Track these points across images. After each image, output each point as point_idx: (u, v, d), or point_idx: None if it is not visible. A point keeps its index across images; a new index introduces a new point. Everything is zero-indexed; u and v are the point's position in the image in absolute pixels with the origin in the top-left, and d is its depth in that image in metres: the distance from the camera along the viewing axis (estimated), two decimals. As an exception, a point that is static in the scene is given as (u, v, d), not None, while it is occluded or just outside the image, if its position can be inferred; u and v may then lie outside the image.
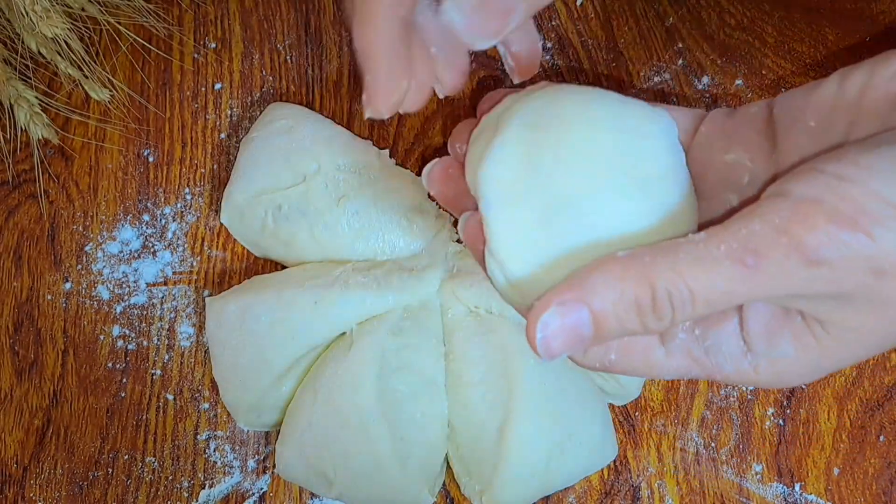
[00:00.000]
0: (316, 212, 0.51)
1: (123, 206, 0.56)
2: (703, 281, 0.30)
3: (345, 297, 0.49)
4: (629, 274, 0.30)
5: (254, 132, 0.54)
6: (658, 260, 0.30)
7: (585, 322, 0.31)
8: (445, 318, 0.50)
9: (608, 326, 0.31)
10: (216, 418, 0.53)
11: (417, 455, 0.48)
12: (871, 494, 0.51)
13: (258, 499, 0.52)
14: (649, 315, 0.31)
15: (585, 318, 0.31)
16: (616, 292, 0.30)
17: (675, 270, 0.30)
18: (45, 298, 0.55)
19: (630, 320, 0.31)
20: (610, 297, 0.31)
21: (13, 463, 0.52)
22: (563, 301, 0.31)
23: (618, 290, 0.30)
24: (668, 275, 0.30)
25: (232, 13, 0.60)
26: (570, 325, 0.31)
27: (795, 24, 0.58)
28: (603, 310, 0.31)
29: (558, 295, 0.31)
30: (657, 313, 0.31)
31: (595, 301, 0.31)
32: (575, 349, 0.32)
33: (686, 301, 0.30)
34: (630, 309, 0.31)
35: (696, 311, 0.30)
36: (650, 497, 0.51)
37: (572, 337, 0.31)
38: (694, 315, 0.31)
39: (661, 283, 0.30)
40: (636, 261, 0.31)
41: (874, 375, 0.52)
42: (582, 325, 0.31)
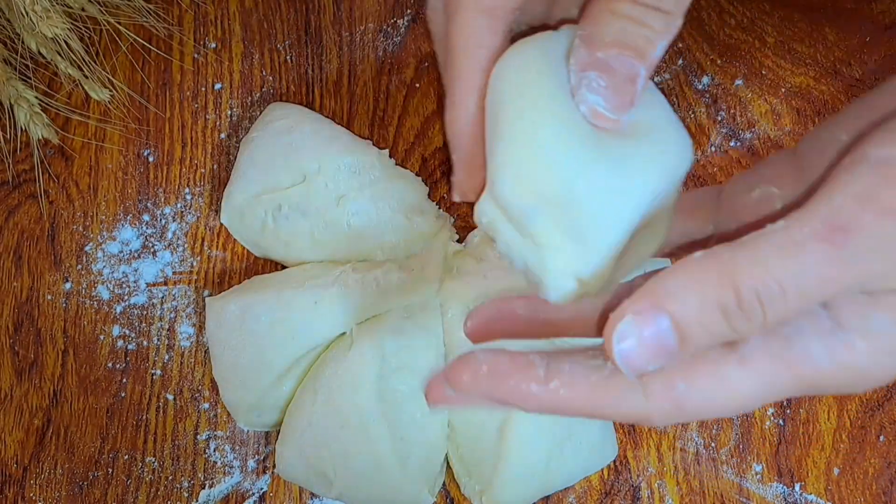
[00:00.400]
0: (316, 212, 0.51)
1: (123, 206, 0.56)
2: (791, 270, 0.27)
3: (345, 297, 0.49)
4: (708, 275, 0.28)
5: (254, 132, 0.54)
6: (738, 255, 0.28)
7: (667, 331, 0.28)
8: (445, 318, 0.50)
9: (694, 334, 0.28)
10: (216, 418, 0.53)
11: (417, 455, 0.48)
12: (871, 494, 0.51)
13: (258, 499, 0.52)
14: (737, 317, 0.28)
15: (666, 326, 0.28)
16: (697, 296, 0.28)
17: (758, 264, 0.27)
18: (45, 298, 0.55)
19: (717, 325, 0.28)
20: (691, 303, 0.28)
21: (13, 463, 0.52)
22: (639, 310, 0.28)
23: (698, 293, 0.28)
24: (751, 270, 0.27)
25: (232, 13, 0.60)
26: (651, 336, 0.28)
27: (795, 24, 0.58)
28: (685, 317, 0.28)
29: (633, 303, 0.28)
30: (746, 314, 0.28)
31: (675, 308, 0.28)
32: (661, 361, 0.28)
33: (776, 296, 0.27)
34: (715, 313, 0.28)
35: (789, 305, 0.28)
36: (650, 497, 0.51)
37: (655, 349, 0.28)
38: (788, 311, 0.28)
39: (746, 281, 0.27)
40: (714, 260, 0.28)
41: (874, 375, 0.52)
42: (664, 334, 0.28)
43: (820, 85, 0.57)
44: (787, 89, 0.57)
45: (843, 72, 0.57)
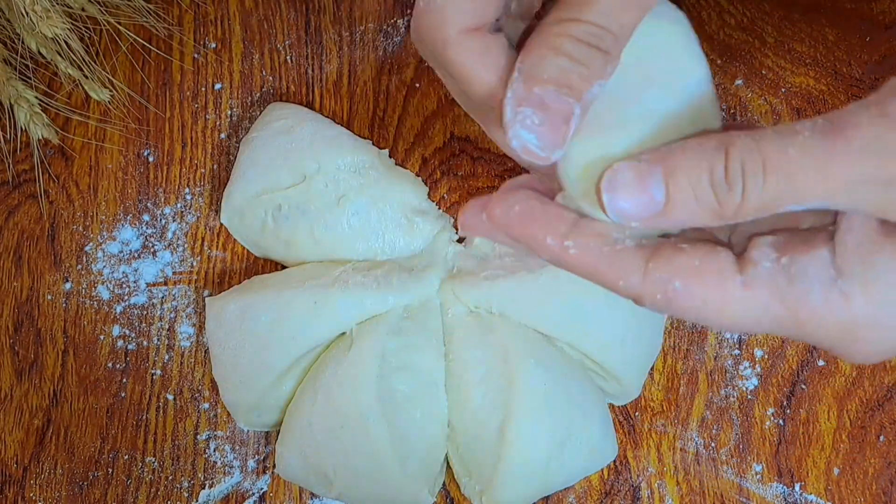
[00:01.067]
0: (316, 211, 0.51)
1: (123, 206, 0.56)
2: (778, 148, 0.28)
3: (344, 297, 0.49)
4: (707, 143, 0.29)
5: (253, 132, 0.54)
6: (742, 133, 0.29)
7: (658, 181, 0.30)
8: (445, 318, 0.50)
9: (680, 194, 0.30)
10: (216, 418, 0.53)
11: (417, 455, 0.48)
12: (871, 494, 0.51)
13: (258, 499, 0.52)
14: (721, 188, 0.29)
15: (658, 176, 0.30)
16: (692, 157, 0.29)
17: (753, 139, 0.29)
18: (45, 298, 0.55)
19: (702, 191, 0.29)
20: (684, 159, 0.30)
21: (13, 463, 0.52)
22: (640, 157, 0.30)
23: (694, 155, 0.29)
24: (745, 142, 0.29)
25: (232, 13, 0.60)
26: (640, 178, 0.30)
27: (795, 24, 0.58)
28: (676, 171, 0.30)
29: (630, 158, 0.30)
30: (729, 185, 0.29)
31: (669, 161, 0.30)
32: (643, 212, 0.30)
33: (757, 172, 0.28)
34: (703, 177, 0.29)
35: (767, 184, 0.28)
36: (650, 497, 0.51)
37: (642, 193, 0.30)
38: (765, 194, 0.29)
39: (736, 151, 0.29)
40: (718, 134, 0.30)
41: (874, 375, 0.52)
42: (654, 183, 0.30)
43: (820, 85, 0.57)
44: (787, 89, 0.57)
45: (843, 72, 0.57)
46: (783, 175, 0.28)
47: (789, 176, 0.28)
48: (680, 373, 0.53)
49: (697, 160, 0.30)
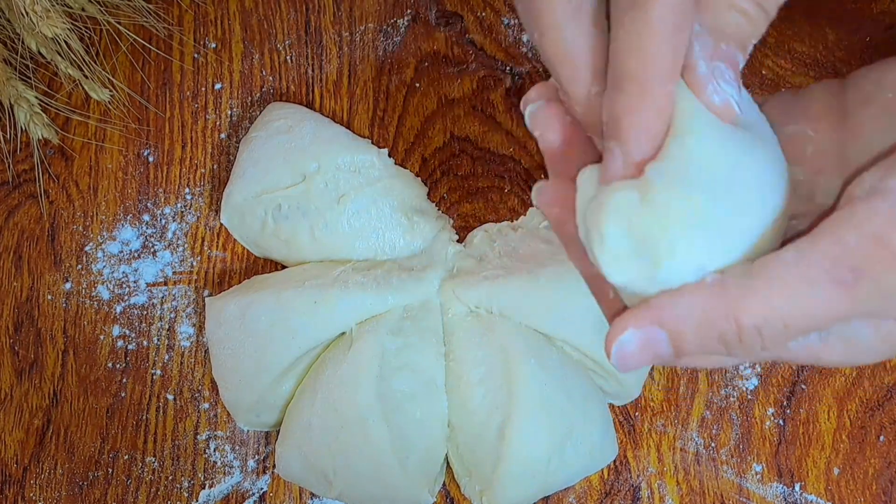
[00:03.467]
0: (316, 211, 0.51)
1: (123, 206, 0.56)
2: (799, 310, 0.27)
3: (344, 297, 0.49)
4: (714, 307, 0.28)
5: (253, 132, 0.54)
6: (748, 291, 0.28)
7: (665, 345, 0.29)
8: (445, 318, 0.50)
9: (689, 349, 0.29)
10: (216, 418, 0.53)
11: (417, 455, 0.48)
12: (871, 494, 0.51)
13: (258, 499, 0.52)
14: (735, 346, 0.29)
15: (665, 341, 0.29)
16: (698, 322, 0.29)
17: (767, 304, 0.28)
18: (45, 298, 0.55)
19: (713, 348, 0.29)
20: (691, 326, 0.29)
21: (13, 463, 0.52)
22: (642, 325, 0.29)
23: (700, 320, 0.29)
24: (757, 308, 0.28)
25: (232, 13, 0.60)
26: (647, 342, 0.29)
27: (795, 24, 0.58)
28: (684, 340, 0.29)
29: (636, 319, 0.29)
30: (744, 344, 0.29)
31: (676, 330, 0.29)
32: (652, 364, 0.30)
33: (778, 332, 0.28)
34: (713, 341, 0.29)
35: (788, 338, 0.28)
36: (650, 497, 0.51)
37: (649, 355, 0.30)
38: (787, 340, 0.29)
39: (750, 320, 0.28)
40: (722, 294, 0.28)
41: (874, 375, 0.52)
42: (661, 347, 0.29)
43: (820, 85, 0.57)
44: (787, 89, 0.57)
45: (843, 72, 0.57)
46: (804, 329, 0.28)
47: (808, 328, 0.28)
48: (680, 373, 0.53)
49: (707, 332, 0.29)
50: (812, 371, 0.52)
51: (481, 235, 0.52)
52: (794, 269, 0.28)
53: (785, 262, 0.28)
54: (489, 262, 0.51)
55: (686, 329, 0.29)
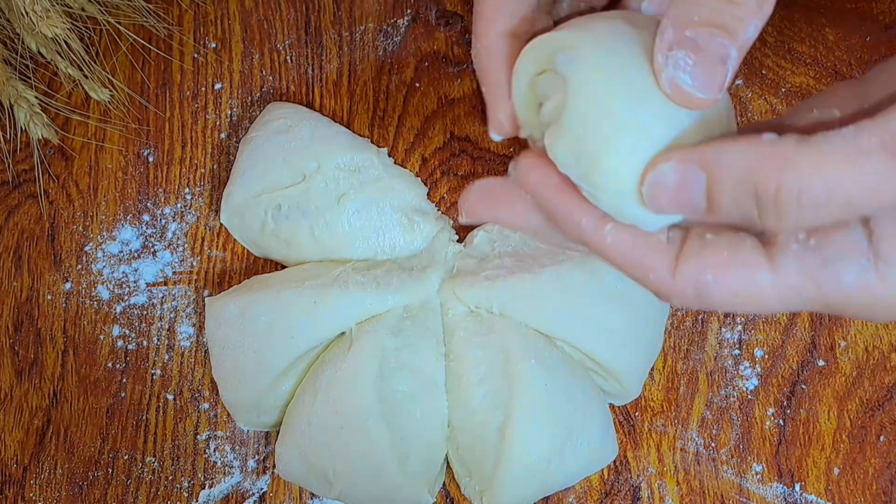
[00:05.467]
0: (316, 211, 0.51)
1: (123, 206, 0.56)
2: (848, 178, 0.27)
3: (344, 297, 0.49)
4: (761, 159, 0.28)
5: (253, 132, 0.54)
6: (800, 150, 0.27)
7: (701, 189, 0.29)
8: (446, 318, 0.50)
9: (723, 205, 0.29)
10: (216, 418, 0.53)
11: (417, 455, 0.48)
12: (872, 494, 0.51)
13: (258, 499, 0.52)
14: (769, 210, 0.28)
15: (702, 184, 0.29)
16: (740, 174, 0.28)
17: (815, 166, 0.27)
18: (45, 298, 0.55)
19: (747, 207, 0.29)
20: (732, 178, 0.28)
21: (13, 463, 0.52)
22: (685, 160, 0.29)
23: (743, 173, 0.28)
24: (805, 171, 0.27)
25: (232, 13, 0.60)
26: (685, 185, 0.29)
27: (795, 24, 0.58)
28: (721, 187, 0.29)
29: (682, 153, 0.29)
30: (779, 209, 0.28)
31: (717, 175, 0.28)
32: (682, 212, 0.30)
33: (820, 201, 0.27)
34: (749, 196, 0.28)
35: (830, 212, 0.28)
36: (650, 497, 0.51)
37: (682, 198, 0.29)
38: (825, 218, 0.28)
39: (792, 179, 0.27)
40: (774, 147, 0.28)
41: (874, 375, 0.52)
42: (697, 190, 0.29)
43: (820, 85, 0.57)
44: (787, 89, 0.57)
45: (843, 72, 0.57)
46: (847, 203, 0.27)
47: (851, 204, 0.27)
48: (680, 373, 0.53)
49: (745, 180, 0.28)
50: (812, 371, 0.52)
51: (481, 235, 0.52)
52: (850, 140, 0.27)
53: (843, 135, 0.27)
54: (489, 262, 0.51)
55: (727, 178, 0.28)
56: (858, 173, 0.27)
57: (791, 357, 0.53)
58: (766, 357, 0.53)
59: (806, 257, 0.30)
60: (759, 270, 0.30)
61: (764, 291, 0.30)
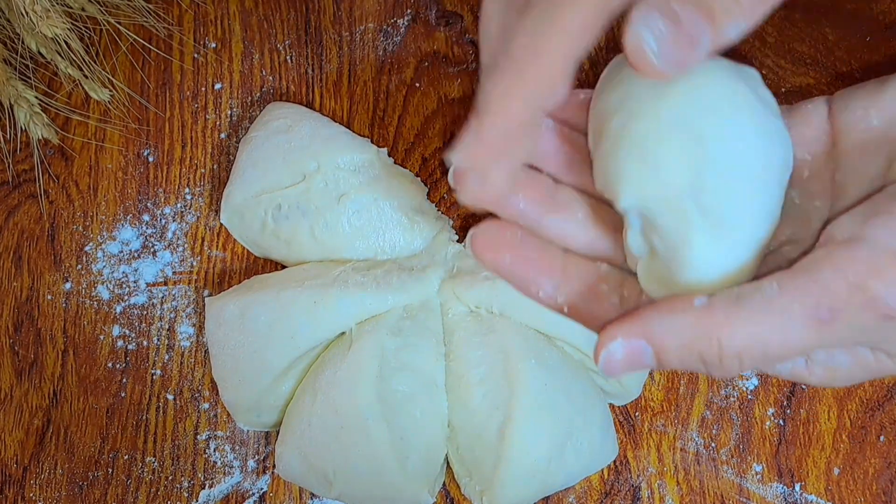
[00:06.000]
0: (316, 210, 0.51)
1: (123, 206, 0.56)
2: (777, 340, 0.30)
3: (344, 297, 0.49)
4: (698, 330, 0.30)
5: (252, 132, 0.54)
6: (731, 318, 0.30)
7: (648, 355, 0.31)
8: (446, 319, 0.50)
9: (670, 363, 0.31)
10: (216, 418, 0.53)
11: (417, 455, 0.48)
12: (872, 494, 0.51)
13: (258, 499, 0.52)
14: (715, 367, 0.31)
15: (648, 352, 0.31)
16: (682, 342, 0.31)
17: (747, 332, 0.30)
18: (45, 298, 0.55)
19: (694, 366, 0.31)
20: (675, 344, 0.31)
21: (13, 463, 0.52)
22: (630, 336, 0.31)
23: (684, 340, 0.31)
24: (740, 336, 0.30)
25: (232, 13, 0.60)
26: (632, 353, 0.31)
27: (795, 24, 0.58)
28: (666, 351, 0.31)
29: (626, 331, 0.31)
30: (724, 367, 0.31)
31: (662, 346, 0.31)
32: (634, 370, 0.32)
33: (758, 358, 0.30)
34: (695, 360, 0.31)
35: (767, 363, 0.31)
36: (650, 497, 0.51)
37: (633, 363, 0.32)
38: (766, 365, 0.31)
39: (733, 344, 0.30)
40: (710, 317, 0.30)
41: (874, 375, 0.52)
42: (644, 356, 0.31)
43: (820, 85, 0.57)
44: (787, 89, 0.57)
45: (843, 72, 0.57)
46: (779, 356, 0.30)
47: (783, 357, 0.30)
48: (680, 373, 0.53)
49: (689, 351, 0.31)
50: (812, 371, 0.52)
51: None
52: (775, 303, 0.30)
53: (768, 295, 0.30)
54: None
55: (671, 346, 0.31)
56: (787, 336, 0.30)
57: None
58: (766, 357, 0.53)
59: None
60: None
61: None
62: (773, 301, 0.30)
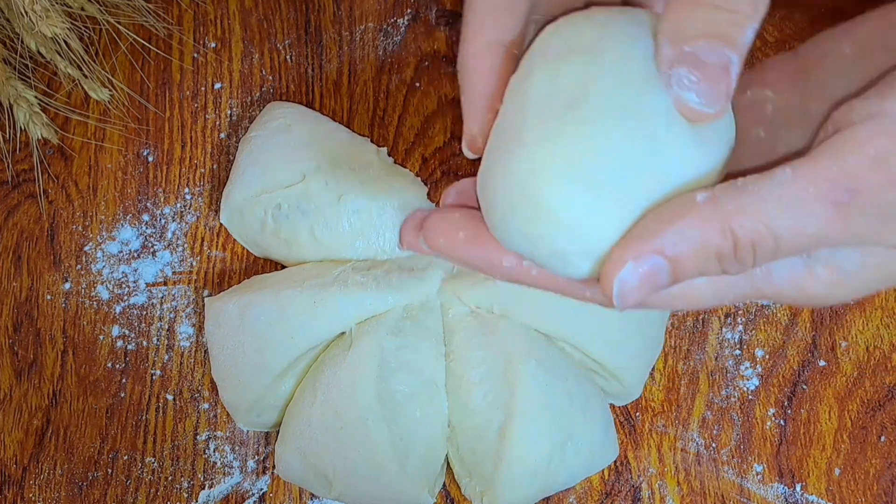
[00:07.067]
0: (316, 210, 0.51)
1: (123, 206, 0.56)
2: (792, 227, 0.28)
3: (344, 297, 0.49)
4: (710, 225, 0.28)
5: (252, 132, 0.54)
6: (743, 206, 0.28)
7: (664, 272, 0.29)
8: (446, 318, 0.50)
9: (686, 273, 0.29)
10: (216, 418, 0.53)
11: (417, 455, 0.48)
12: (872, 495, 0.51)
13: (258, 499, 0.52)
14: (730, 262, 0.29)
15: (664, 268, 0.29)
16: (696, 244, 0.28)
17: (760, 218, 0.28)
18: (44, 298, 0.55)
19: (710, 267, 0.29)
20: (690, 249, 0.28)
21: (13, 463, 0.52)
22: (640, 256, 0.29)
23: (698, 242, 0.28)
24: (752, 223, 0.28)
25: (232, 13, 0.60)
26: (648, 274, 0.29)
27: (795, 24, 0.58)
28: (682, 261, 0.29)
29: (634, 250, 0.29)
30: (738, 260, 0.29)
31: (675, 254, 0.29)
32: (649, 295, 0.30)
33: (770, 248, 0.28)
34: (711, 259, 0.29)
35: (779, 254, 0.28)
36: (651, 497, 0.51)
37: (649, 287, 0.29)
38: (777, 257, 0.29)
39: (745, 234, 0.28)
40: (717, 209, 0.28)
41: (875, 375, 0.52)
42: (660, 274, 0.29)
43: (821, 84, 0.57)
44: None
45: (844, 71, 0.57)
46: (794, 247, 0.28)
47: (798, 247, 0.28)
48: (681, 373, 0.53)
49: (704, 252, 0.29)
50: (813, 371, 0.52)
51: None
52: (789, 187, 0.28)
53: (779, 180, 0.28)
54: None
55: (685, 253, 0.29)
56: (801, 222, 0.28)
57: (792, 357, 0.53)
58: (766, 357, 0.53)
59: None
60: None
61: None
62: (786, 185, 0.28)
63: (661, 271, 0.29)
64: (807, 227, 0.28)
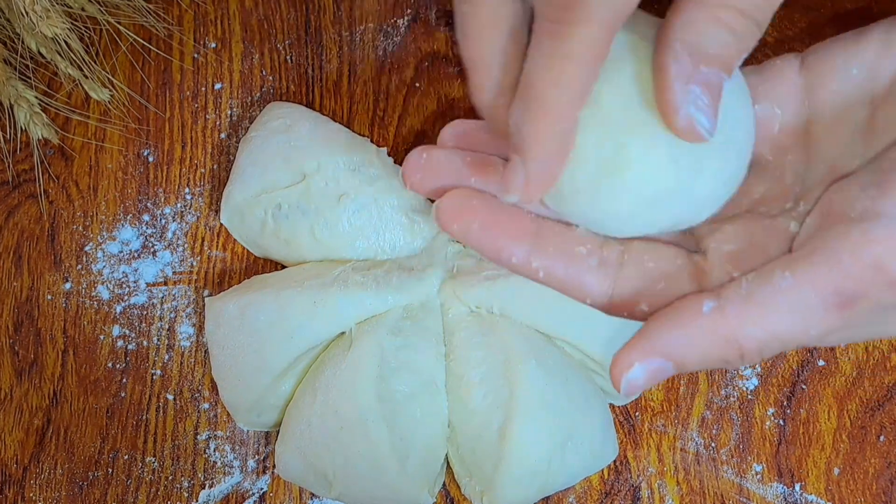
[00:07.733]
0: (316, 210, 0.51)
1: (123, 206, 0.56)
2: (797, 332, 0.29)
3: (344, 297, 0.49)
4: (716, 336, 0.29)
5: (252, 132, 0.54)
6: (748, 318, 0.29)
7: (669, 369, 0.30)
8: (446, 318, 0.50)
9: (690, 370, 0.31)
10: (216, 418, 0.53)
11: (417, 455, 0.48)
12: (872, 494, 0.51)
13: (258, 499, 0.52)
14: (737, 364, 0.30)
15: (670, 367, 0.30)
16: (701, 352, 0.30)
17: (766, 328, 0.29)
18: (45, 298, 0.55)
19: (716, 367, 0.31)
20: (695, 355, 0.30)
21: (13, 463, 0.52)
22: (646, 359, 0.30)
23: (704, 350, 0.30)
24: (759, 333, 0.29)
25: (232, 13, 0.60)
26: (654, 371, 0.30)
27: (795, 24, 0.58)
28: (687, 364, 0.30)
29: (641, 354, 0.30)
30: (745, 362, 0.30)
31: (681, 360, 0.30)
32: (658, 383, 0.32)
33: (775, 349, 0.30)
34: (718, 363, 0.30)
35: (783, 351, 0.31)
36: (650, 497, 0.51)
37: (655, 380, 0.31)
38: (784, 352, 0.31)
39: (752, 343, 0.29)
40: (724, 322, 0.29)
41: (874, 375, 0.52)
42: (665, 371, 0.30)
43: (820, 85, 0.57)
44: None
45: (844, 72, 0.57)
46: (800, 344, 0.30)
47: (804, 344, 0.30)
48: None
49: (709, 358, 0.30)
50: (812, 371, 0.52)
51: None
52: (792, 294, 0.29)
53: (781, 287, 0.29)
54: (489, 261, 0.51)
55: (690, 357, 0.30)
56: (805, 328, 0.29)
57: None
58: (766, 357, 0.53)
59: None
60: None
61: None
62: (788, 292, 0.29)
63: (666, 369, 0.30)
64: (811, 329, 0.29)
